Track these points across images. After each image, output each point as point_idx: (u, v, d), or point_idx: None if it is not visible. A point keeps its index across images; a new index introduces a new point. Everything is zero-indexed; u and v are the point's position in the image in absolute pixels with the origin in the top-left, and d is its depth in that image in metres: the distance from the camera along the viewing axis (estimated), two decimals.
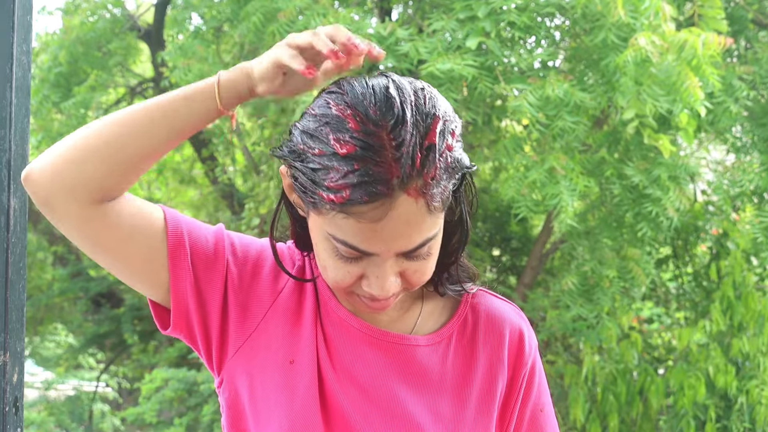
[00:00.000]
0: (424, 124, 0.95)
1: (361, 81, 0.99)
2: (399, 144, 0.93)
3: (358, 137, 0.93)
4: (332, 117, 0.96)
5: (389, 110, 0.94)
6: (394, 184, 0.93)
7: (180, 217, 1.09)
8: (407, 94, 0.96)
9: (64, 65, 6.01)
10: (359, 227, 0.95)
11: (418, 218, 0.96)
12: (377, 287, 1.00)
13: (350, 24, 4.09)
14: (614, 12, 3.70)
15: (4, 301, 1.18)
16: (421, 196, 0.94)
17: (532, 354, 1.17)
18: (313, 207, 0.98)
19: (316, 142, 0.96)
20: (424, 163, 0.94)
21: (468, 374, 1.12)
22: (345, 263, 1.00)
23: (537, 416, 1.18)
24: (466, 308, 1.17)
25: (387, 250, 0.97)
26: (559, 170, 3.87)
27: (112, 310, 8.44)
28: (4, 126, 1.18)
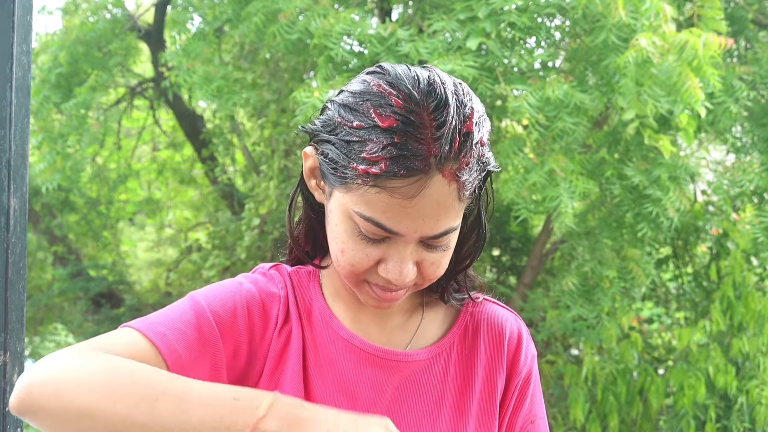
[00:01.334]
0: (463, 111, 0.95)
1: (402, 66, 0.99)
2: (440, 124, 0.93)
3: (401, 113, 0.93)
4: (374, 93, 0.96)
5: (431, 92, 0.94)
6: (432, 162, 0.93)
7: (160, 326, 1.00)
8: (448, 82, 0.97)
9: (65, 66, 6.00)
10: (390, 203, 0.94)
11: (449, 202, 0.96)
12: (396, 271, 0.99)
13: (350, 24, 4.09)
14: (615, 13, 3.70)
15: (4, 301, 1.18)
16: (454, 179, 0.94)
17: (528, 363, 1.16)
18: (342, 183, 0.97)
19: (356, 115, 0.96)
20: (462, 148, 0.94)
21: (469, 385, 1.12)
22: (366, 245, 0.99)
23: (527, 427, 1.16)
24: (467, 316, 1.16)
25: (413, 231, 0.96)
26: (558, 172, 3.88)
27: (112, 310, 8.44)
28: (4, 126, 1.18)
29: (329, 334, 1.09)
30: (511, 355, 1.15)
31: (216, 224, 7.68)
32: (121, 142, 8.28)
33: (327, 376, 1.07)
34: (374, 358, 1.08)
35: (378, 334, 1.11)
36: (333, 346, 1.09)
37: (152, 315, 1.03)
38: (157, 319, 1.02)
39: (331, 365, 1.08)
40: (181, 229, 10.02)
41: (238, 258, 6.18)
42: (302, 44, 4.39)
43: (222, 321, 1.04)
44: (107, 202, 9.09)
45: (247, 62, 5.57)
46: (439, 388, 1.10)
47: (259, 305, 1.07)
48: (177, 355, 0.99)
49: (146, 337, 0.98)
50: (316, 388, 1.07)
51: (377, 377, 1.08)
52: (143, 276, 10.27)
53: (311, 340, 1.09)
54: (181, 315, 1.02)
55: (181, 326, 1.01)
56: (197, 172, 8.91)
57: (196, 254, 7.73)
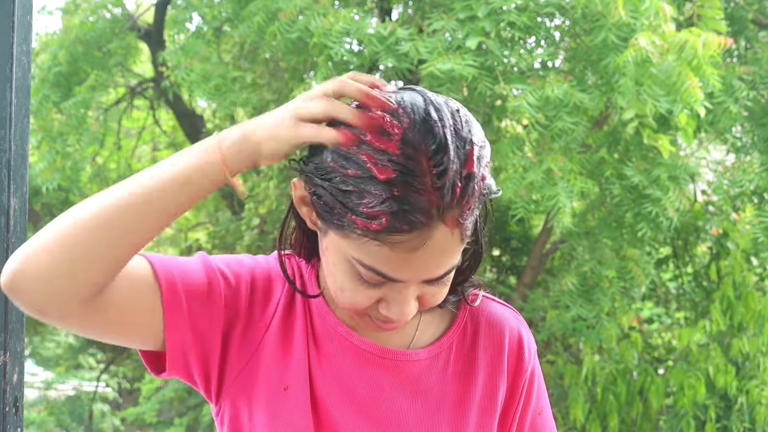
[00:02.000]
0: (463, 150, 0.91)
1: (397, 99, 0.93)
2: (441, 172, 0.88)
3: (398, 161, 0.88)
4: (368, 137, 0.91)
5: (429, 133, 0.89)
6: (434, 214, 0.89)
7: (168, 263, 1.02)
8: (446, 116, 0.92)
9: (64, 65, 6.00)
10: (392, 255, 0.91)
11: (451, 248, 0.93)
12: (397, 312, 0.97)
13: (350, 24, 4.09)
14: (614, 12, 3.70)
15: (4, 301, 1.18)
16: (457, 226, 0.91)
17: (532, 360, 1.16)
18: (338, 229, 0.94)
19: (351, 163, 0.91)
20: (464, 194, 0.90)
21: (469, 384, 1.11)
22: (366, 288, 0.96)
23: (536, 420, 1.17)
24: (465, 315, 1.15)
25: (415, 277, 0.94)
26: (556, 172, 3.88)
27: None
28: (4, 126, 1.18)
29: (327, 330, 1.08)
30: (513, 355, 1.14)
31: (216, 224, 7.68)
32: (121, 142, 8.28)
33: (326, 369, 1.07)
34: (373, 357, 1.07)
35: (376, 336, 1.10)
36: (330, 342, 1.08)
37: (169, 256, 1.04)
38: (171, 259, 1.03)
39: (330, 360, 1.07)
40: (181, 229, 10.01)
41: None
42: (302, 43, 4.39)
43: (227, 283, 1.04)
44: None
45: (247, 62, 5.57)
46: (439, 387, 1.09)
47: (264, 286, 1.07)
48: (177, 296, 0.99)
49: (154, 267, 0.99)
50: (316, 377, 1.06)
51: (376, 376, 1.07)
52: None
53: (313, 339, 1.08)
54: (194, 264, 1.04)
55: (190, 271, 1.02)
56: None
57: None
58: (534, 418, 1.17)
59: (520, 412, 1.15)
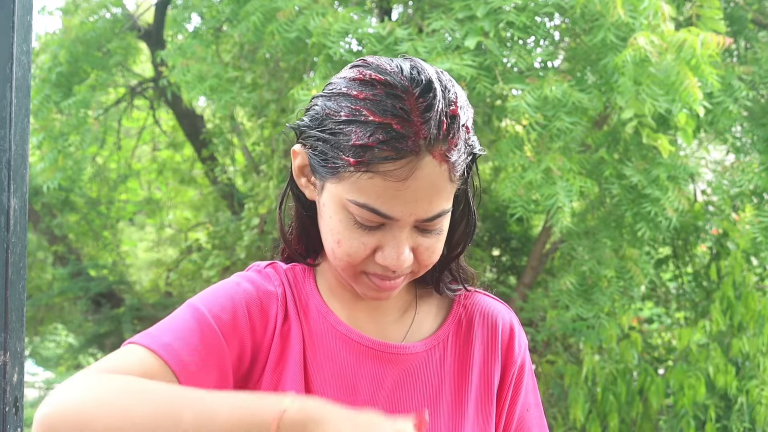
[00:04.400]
0: (447, 96, 0.98)
1: (383, 57, 1.02)
2: (427, 107, 0.95)
3: (387, 100, 0.95)
4: (359, 83, 0.98)
5: (416, 79, 0.97)
6: (422, 144, 0.95)
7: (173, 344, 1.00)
8: (430, 70, 0.99)
9: (65, 65, 6.00)
10: (383, 186, 0.96)
11: (441, 183, 0.97)
12: (393, 256, 1.00)
13: (350, 23, 4.09)
14: (613, 12, 3.70)
15: (4, 301, 1.18)
16: (444, 160, 0.96)
17: (522, 352, 1.18)
18: (333, 174, 0.99)
19: (343, 107, 0.98)
20: (449, 130, 0.96)
21: (465, 375, 1.14)
22: (361, 233, 1.00)
23: (524, 416, 1.19)
24: (460, 308, 1.18)
25: (408, 213, 0.98)
26: (555, 171, 3.88)
27: (112, 310, 8.44)
28: (4, 126, 1.18)
29: (327, 329, 1.10)
30: (504, 346, 1.17)
31: (216, 224, 7.68)
32: (121, 142, 8.28)
33: (326, 371, 1.08)
34: (372, 352, 1.10)
35: (374, 329, 1.12)
36: (332, 341, 1.10)
37: (154, 327, 1.03)
38: (160, 331, 1.02)
39: (330, 360, 1.09)
40: (181, 229, 10.02)
41: (238, 258, 6.18)
42: (301, 43, 4.39)
43: (224, 324, 1.04)
44: (107, 202, 9.09)
45: (246, 62, 5.57)
46: (437, 379, 1.12)
47: (258, 305, 1.08)
48: (184, 365, 0.99)
49: (152, 351, 0.99)
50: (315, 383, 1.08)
51: (376, 370, 1.09)
52: (143, 276, 10.27)
53: (309, 335, 1.10)
54: (183, 324, 1.03)
55: (185, 335, 1.01)
56: (197, 172, 8.91)
57: (196, 254, 7.73)
58: (522, 413, 1.18)
59: (508, 403, 1.17)
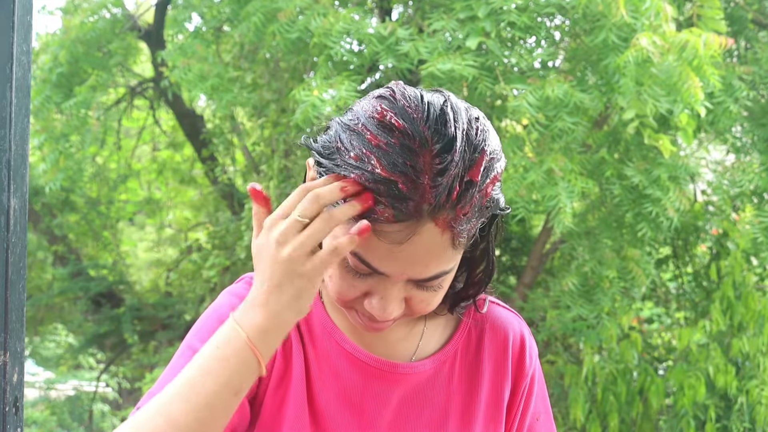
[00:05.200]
0: (470, 156, 0.89)
1: (416, 93, 0.93)
2: (441, 171, 0.87)
3: (400, 154, 0.87)
4: (376, 123, 0.90)
5: (439, 133, 0.88)
6: (425, 210, 0.88)
7: None
8: (461, 120, 0.90)
9: (65, 65, 6.00)
10: (378, 244, 0.90)
11: (440, 250, 0.91)
12: (379, 309, 0.96)
13: (350, 24, 4.09)
14: (615, 12, 3.70)
15: (4, 301, 1.18)
16: (448, 228, 0.90)
17: (533, 364, 1.15)
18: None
19: (354, 146, 0.90)
20: (461, 198, 0.89)
21: (474, 391, 1.10)
22: (353, 277, 0.95)
23: (533, 425, 1.17)
24: (469, 321, 1.14)
25: (400, 273, 0.93)
26: (557, 172, 3.87)
27: (112, 310, 8.44)
28: (4, 126, 1.18)
29: (332, 347, 1.07)
30: (515, 360, 1.13)
31: (216, 224, 7.68)
32: (121, 142, 8.28)
33: (331, 390, 1.06)
34: (379, 372, 1.06)
35: (381, 345, 1.09)
36: (337, 359, 1.07)
37: (157, 381, 1.01)
38: (161, 385, 0.99)
39: (336, 378, 1.06)
40: (181, 229, 10.02)
41: (238, 258, 6.18)
42: (302, 43, 4.39)
43: None
44: (107, 202, 9.09)
45: (247, 62, 5.57)
46: (445, 396, 1.09)
47: None
48: None
49: None
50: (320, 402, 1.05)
51: (383, 390, 1.06)
52: (143, 276, 10.27)
53: (313, 352, 1.07)
54: None
55: None
56: (197, 172, 8.91)
57: (196, 254, 7.73)
58: (532, 423, 1.16)
59: (519, 416, 1.14)
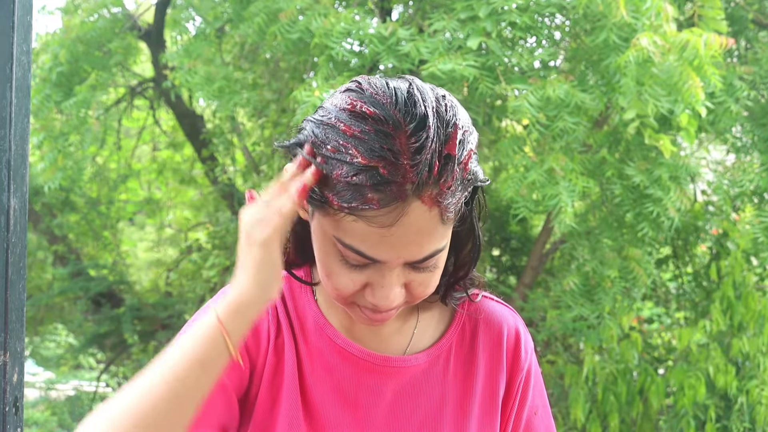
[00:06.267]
0: (444, 132, 0.91)
1: (381, 81, 0.95)
2: (418, 149, 0.88)
3: (376, 139, 0.89)
4: (349, 115, 0.92)
5: (410, 114, 0.90)
6: (408, 189, 0.89)
7: None
8: (429, 99, 0.92)
9: (65, 65, 6.00)
10: (368, 232, 0.91)
11: (430, 227, 0.92)
12: (381, 297, 0.96)
13: (351, 24, 4.09)
14: (616, 12, 3.70)
15: (4, 301, 1.18)
16: (435, 204, 0.91)
17: (529, 358, 1.15)
18: (319, 207, 0.95)
19: (330, 139, 0.92)
20: (442, 172, 0.90)
21: (469, 385, 1.11)
22: (350, 270, 0.96)
23: (531, 419, 1.17)
24: (463, 315, 1.14)
25: (396, 257, 0.93)
26: (558, 171, 3.87)
27: (112, 310, 8.44)
28: (4, 126, 1.18)
29: (325, 343, 1.07)
30: (510, 353, 1.13)
31: (216, 224, 7.68)
32: (121, 142, 8.28)
33: (325, 385, 1.06)
34: (372, 366, 1.07)
35: (375, 340, 1.09)
36: (330, 355, 1.07)
37: None
38: None
39: (329, 374, 1.06)
40: (181, 229, 10.01)
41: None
42: (303, 44, 4.39)
43: None
44: (107, 201, 9.09)
45: (247, 62, 5.57)
46: (440, 390, 1.09)
47: None
48: None
49: None
50: (314, 397, 1.05)
51: (377, 384, 1.07)
52: (143, 276, 10.27)
53: (306, 349, 1.07)
54: None
55: None
56: (197, 172, 8.91)
57: (196, 254, 7.73)
58: (530, 417, 1.16)
59: (516, 409, 1.14)
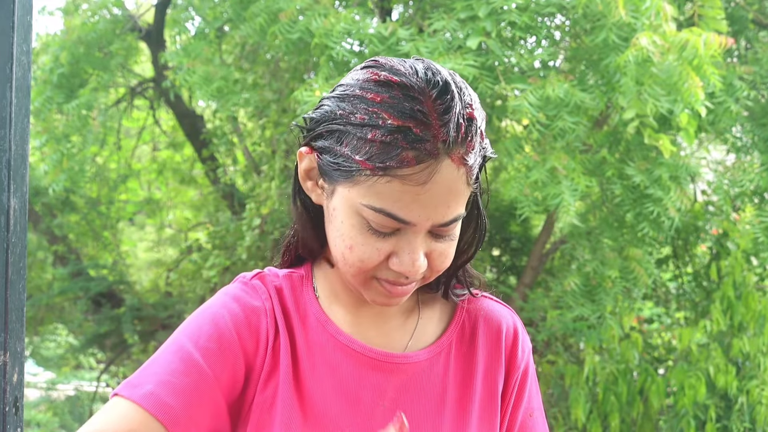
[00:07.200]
0: (465, 97, 0.96)
1: (396, 58, 0.99)
2: (445, 110, 0.93)
3: (405, 102, 0.93)
4: (375, 83, 0.95)
5: (432, 81, 0.94)
6: (440, 147, 0.92)
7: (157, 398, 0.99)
8: (444, 71, 0.97)
9: (66, 66, 6.00)
10: (402, 191, 0.93)
11: (459, 186, 0.95)
12: (409, 263, 0.97)
13: (351, 24, 4.09)
14: (615, 12, 3.70)
15: (4, 301, 1.18)
16: (462, 163, 0.94)
17: (525, 357, 1.16)
18: (346, 177, 0.96)
19: (359, 108, 0.95)
20: (467, 132, 0.94)
21: (469, 382, 1.11)
22: (376, 239, 0.97)
23: (526, 421, 1.17)
24: (463, 313, 1.15)
25: (426, 218, 0.95)
26: (560, 170, 3.87)
27: (112, 309, 8.44)
28: (4, 126, 1.18)
29: (326, 339, 1.07)
30: (508, 351, 1.14)
31: (216, 224, 7.67)
32: (121, 142, 8.28)
33: (327, 382, 1.06)
34: (374, 362, 1.07)
35: (377, 336, 1.10)
36: (332, 351, 1.07)
37: (138, 373, 1.01)
38: (144, 377, 1.00)
39: (331, 371, 1.06)
40: (181, 229, 10.01)
41: (239, 258, 6.18)
42: (303, 44, 4.39)
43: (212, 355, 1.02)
44: (107, 202, 9.09)
45: (247, 62, 5.57)
46: (440, 387, 1.09)
47: (246, 324, 1.05)
48: (170, 412, 0.98)
49: (136, 403, 0.98)
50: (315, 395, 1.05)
51: (378, 381, 1.07)
52: (143, 276, 10.27)
53: (306, 345, 1.07)
54: (167, 366, 1.01)
55: (169, 378, 0.99)
56: (197, 172, 8.91)
57: (196, 254, 7.72)
58: (525, 419, 1.16)
59: (511, 408, 1.15)
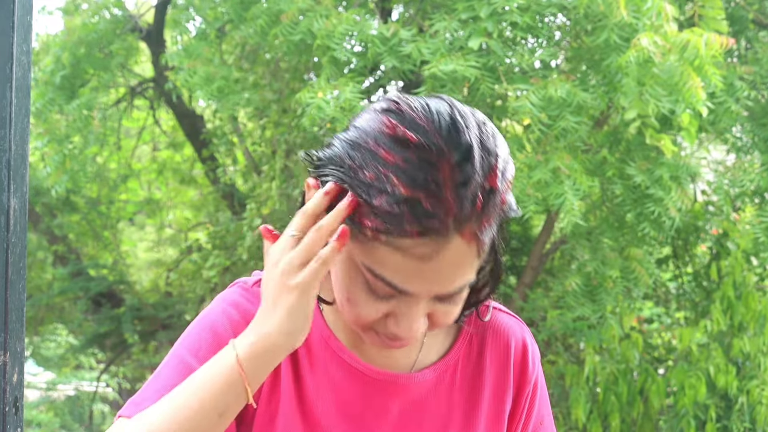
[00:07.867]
0: (487, 162, 0.86)
1: (420, 102, 0.89)
2: (463, 183, 0.84)
3: (419, 169, 0.84)
4: (389, 139, 0.86)
5: (454, 142, 0.85)
6: (450, 224, 0.85)
7: None
8: (472, 126, 0.87)
9: (67, 67, 6.00)
10: (403, 263, 0.87)
11: (466, 261, 0.88)
12: (405, 328, 0.92)
13: (353, 25, 4.09)
14: (616, 12, 3.70)
15: (4, 301, 1.17)
16: (474, 240, 0.87)
17: (536, 371, 1.13)
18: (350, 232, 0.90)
19: (368, 164, 0.86)
20: (485, 208, 0.86)
21: (476, 400, 1.08)
22: (374, 300, 0.92)
23: (537, 430, 1.15)
24: (470, 328, 1.11)
25: (427, 291, 0.89)
26: (563, 170, 3.87)
27: (112, 309, 8.44)
28: (4, 126, 1.18)
29: (330, 356, 1.04)
30: (518, 366, 1.11)
31: (216, 224, 7.67)
32: (121, 142, 8.28)
33: (329, 401, 1.02)
34: (379, 383, 1.03)
35: (381, 357, 1.06)
36: (336, 370, 1.03)
37: (142, 389, 0.99)
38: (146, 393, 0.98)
39: (334, 389, 1.03)
40: (181, 229, 10.02)
41: (239, 258, 6.18)
42: (304, 45, 4.39)
43: None
44: (108, 202, 9.09)
45: (248, 62, 5.57)
46: (446, 407, 1.06)
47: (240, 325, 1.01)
48: None
49: None
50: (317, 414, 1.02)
51: (382, 402, 1.04)
52: (143, 276, 10.27)
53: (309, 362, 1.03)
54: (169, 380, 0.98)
55: None
56: (197, 172, 8.91)
57: (196, 254, 7.73)
58: (536, 427, 1.14)
59: (522, 423, 1.13)
